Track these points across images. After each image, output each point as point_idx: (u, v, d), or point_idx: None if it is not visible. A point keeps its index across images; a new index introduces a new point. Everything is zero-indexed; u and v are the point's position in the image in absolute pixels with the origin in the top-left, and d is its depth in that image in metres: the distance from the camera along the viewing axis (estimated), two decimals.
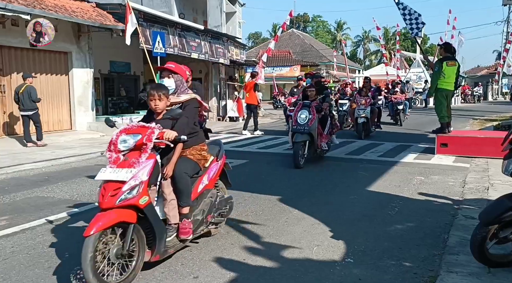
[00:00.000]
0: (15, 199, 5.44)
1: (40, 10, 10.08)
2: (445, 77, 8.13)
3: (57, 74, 12.06)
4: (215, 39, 17.48)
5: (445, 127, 8.44)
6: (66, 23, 11.49)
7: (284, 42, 39.85)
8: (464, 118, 16.95)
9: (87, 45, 12.69)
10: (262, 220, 4.48)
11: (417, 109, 23.91)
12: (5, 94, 10.69)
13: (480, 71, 50.17)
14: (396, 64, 31.82)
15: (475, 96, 36.22)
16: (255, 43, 57.88)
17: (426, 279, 3.09)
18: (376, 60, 58.87)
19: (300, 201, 5.18)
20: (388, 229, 4.20)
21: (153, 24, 13.51)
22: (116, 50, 14.86)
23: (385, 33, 54.98)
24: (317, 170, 7.24)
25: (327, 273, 3.22)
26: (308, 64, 34.62)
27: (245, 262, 3.44)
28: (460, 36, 27.67)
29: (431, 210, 4.81)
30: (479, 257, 3.04)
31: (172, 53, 14.29)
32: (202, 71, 18.79)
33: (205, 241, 3.87)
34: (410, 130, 13.16)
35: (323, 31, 65.09)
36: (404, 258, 3.47)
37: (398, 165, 7.53)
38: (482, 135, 8.88)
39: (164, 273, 3.22)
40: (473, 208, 4.61)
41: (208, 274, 3.21)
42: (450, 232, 3.93)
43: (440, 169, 7.09)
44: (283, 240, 3.91)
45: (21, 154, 8.79)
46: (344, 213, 4.77)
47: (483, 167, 7.04)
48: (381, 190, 5.79)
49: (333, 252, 3.62)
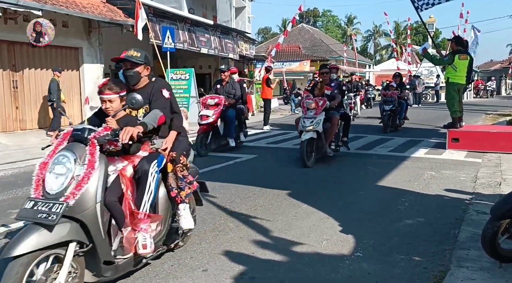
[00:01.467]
0: (27, 193, 5.51)
1: (51, 6, 10.17)
2: (456, 70, 8.02)
3: (68, 69, 12.17)
4: (225, 34, 17.49)
5: (457, 122, 8.33)
6: (77, 19, 11.58)
7: (294, 37, 39.65)
8: (476, 113, 16.72)
9: (98, 41, 12.78)
10: (271, 214, 4.49)
11: (428, 104, 23.65)
12: (17, 90, 10.82)
13: (493, 65, 49.39)
14: (407, 58, 31.48)
15: (488, 91, 35.67)
16: (265, 38, 57.68)
17: (436, 273, 3.07)
18: (386, 55, 58.32)
19: (309, 196, 5.17)
20: (398, 224, 4.18)
21: (162, 19, 13.55)
22: (126, 46, 14.62)
23: (396, 27, 54.38)
24: (326, 165, 7.21)
25: (336, 267, 3.22)
26: (317, 59, 34.40)
27: (254, 255, 3.45)
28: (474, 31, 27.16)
29: (441, 205, 4.76)
30: (490, 252, 3.01)
31: (182, 48, 14.35)
32: (211, 66, 18.82)
33: (214, 235, 3.89)
34: (421, 125, 13.03)
35: (333, 26, 64.61)
36: (414, 253, 3.45)
37: (408, 160, 7.47)
38: (495, 130, 8.76)
39: (174, 266, 3.24)
40: (485, 203, 4.55)
41: (217, 267, 3.23)
42: (461, 227, 3.89)
43: (451, 164, 7.02)
44: (292, 234, 3.91)
45: (33, 149, 8.91)
46: (353, 208, 4.75)
47: (496, 162, 6.95)
48: (391, 185, 5.75)
49: (342, 246, 3.62)
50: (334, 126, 7.13)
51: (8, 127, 10.66)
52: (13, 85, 10.72)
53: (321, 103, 6.95)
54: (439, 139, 9.37)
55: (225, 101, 8.06)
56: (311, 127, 6.74)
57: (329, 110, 7.05)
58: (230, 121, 8.14)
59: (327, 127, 7.00)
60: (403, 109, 12.09)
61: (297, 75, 33.32)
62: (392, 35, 35.20)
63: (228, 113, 8.11)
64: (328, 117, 7.01)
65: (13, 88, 10.74)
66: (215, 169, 6.87)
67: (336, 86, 7.35)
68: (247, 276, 3.08)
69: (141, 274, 3.10)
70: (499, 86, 41.69)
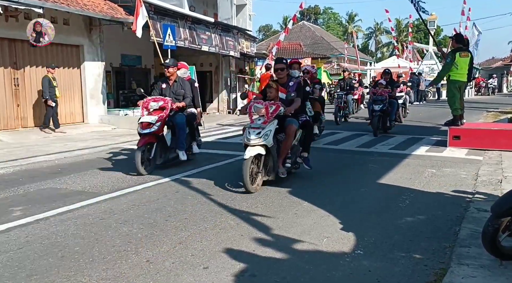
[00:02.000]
0: (29, 190, 5.54)
1: (52, 3, 10.16)
2: (457, 68, 8.00)
3: (69, 67, 12.18)
4: (226, 32, 17.45)
5: (458, 120, 8.32)
6: (78, 17, 11.58)
7: (295, 34, 39.62)
8: (477, 110, 16.70)
9: (99, 38, 12.78)
10: (271, 212, 4.49)
11: (429, 101, 23.62)
12: (18, 87, 10.84)
13: (495, 62, 49.26)
14: (408, 56, 31.44)
15: (489, 88, 35.63)
16: (266, 36, 57.61)
17: (437, 271, 3.07)
18: (388, 52, 58.22)
19: (310, 193, 5.17)
20: (399, 221, 4.18)
21: (163, 17, 13.53)
22: (127, 43, 14.93)
23: (398, 24, 54.26)
24: (327, 162, 7.21)
25: (336, 264, 3.22)
26: (318, 56, 34.32)
27: (254, 253, 3.45)
28: (476, 29, 27.08)
29: (442, 203, 4.77)
30: (491, 249, 3.01)
31: (183, 46, 14.33)
32: (212, 64, 18.80)
33: (215, 233, 3.90)
34: (422, 122, 13.02)
35: (334, 23, 64.54)
36: (415, 250, 3.45)
37: (409, 157, 7.47)
38: (496, 127, 8.75)
39: (175, 263, 3.25)
40: (486, 201, 4.56)
41: (218, 264, 3.24)
42: (461, 224, 3.89)
43: (452, 162, 7.01)
44: (293, 232, 3.91)
45: (35, 146, 8.93)
46: (354, 205, 4.76)
47: (497, 160, 6.94)
48: (392, 182, 5.75)
49: (343, 244, 3.62)
50: (290, 139, 5.52)
51: (9, 125, 10.68)
52: (14, 83, 10.74)
53: (272, 109, 5.29)
54: (440, 137, 9.36)
55: (172, 104, 6.48)
56: (258, 141, 5.13)
57: (286, 117, 5.51)
58: (180, 129, 6.61)
59: (281, 139, 5.55)
60: (394, 109, 10.92)
61: None
62: (393, 33, 35.27)
63: (177, 119, 6.58)
64: (282, 127, 5.50)
65: (14, 86, 10.75)
66: (215, 167, 6.88)
67: (294, 86, 5.74)
68: (248, 274, 3.09)
69: (142, 271, 3.11)
70: (501, 83, 41.64)
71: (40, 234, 3.92)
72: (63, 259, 3.35)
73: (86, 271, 3.11)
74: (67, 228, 4.06)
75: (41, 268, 3.19)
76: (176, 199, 5.02)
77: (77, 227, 4.08)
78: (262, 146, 5.18)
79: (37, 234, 3.91)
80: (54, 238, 3.81)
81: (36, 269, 3.18)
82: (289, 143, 5.53)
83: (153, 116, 6.30)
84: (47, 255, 3.43)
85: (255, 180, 5.23)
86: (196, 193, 5.28)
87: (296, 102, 5.58)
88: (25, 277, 3.05)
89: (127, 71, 17.10)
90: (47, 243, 3.68)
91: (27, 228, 4.08)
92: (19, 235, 3.90)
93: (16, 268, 3.19)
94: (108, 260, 3.31)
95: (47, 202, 4.95)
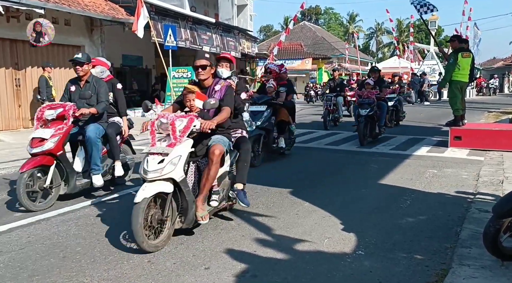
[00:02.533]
0: None
1: (54, 4, 10.19)
2: (460, 69, 8.00)
3: (70, 67, 12.16)
4: (226, 32, 17.48)
5: (459, 120, 8.32)
6: (79, 17, 11.60)
7: (296, 35, 39.63)
8: (479, 110, 16.67)
9: (100, 39, 12.79)
10: (273, 212, 4.49)
11: (431, 101, 23.60)
12: (20, 88, 10.86)
13: (496, 63, 49.18)
14: (410, 56, 31.43)
15: (490, 89, 35.59)
16: (267, 36, 57.64)
17: (438, 271, 3.07)
18: (389, 53, 58.19)
19: (311, 194, 5.17)
20: (400, 222, 4.18)
21: (164, 17, 13.56)
22: (128, 44, 14.96)
23: (399, 25, 54.25)
24: (328, 163, 7.22)
25: (337, 265, 3.23)
26: (319, 56, 34.39)
27: (256, 253, 3.46)
28: (476, 29, 27.08)
29: (443, 203, 4.77)
30: (492, 250, 3.01)
31: (184, 47, 14.35)
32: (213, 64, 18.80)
33: (217, 233, 3.90)
34: (423, 123, 13.00)
35: (335, 24, 64.53)
36: (416, 250, 3.45)
37: (410, 158, 7.46)
38: (497, 127, 8.73)
39: (176, 264, 3.26)
40: (487, 201, 4.55)
41: (219, 265, 3.24)
42: (463, 225, 3.89)
43: (453, 162, 7.01)
44: (294, 232, 3.92)
45: None
46: (356, 206, 4.76)
47: (498, 160, 6.93)
48: (393, 183, 5.75)
49: (344, 244, 3.62)
50: (215, 166, 3.75)
51: (10, 125, 10.70)
52: (15, 84, 10.76)
53: (181, 125, 3.58)
54: (441, 137, 9.35)
55: (75, 111, 4.85)
56: (159, 174, 3.45)
57: (209, 135, 3.85)
58: (90, 144, 4.92)
59: (202, 167, 3.91)
60: (383, 113, 9.47)
61: (299, 73, 33.29)
62: (394, 33, 35.24)
63: (87, 132, 4.93)
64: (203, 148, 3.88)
65: (16, 86, 10.78)
66: None
67: (222, 92, 4.07)
68: (249, 274, 3.09)
69: (144, 272, 3.12)
70: (502, 83, 41.58)
71: (42, 234, 3.93)
72: (65, 259, 3.36)
73: (88, 272, 3.12)
74: (68, 229, 4.06)
75: (42, 268, 3.20)
76: None
77: (78, 228, 4.09)
78: (167, 180, 3.51)
79: (38, 235, 3.92)
80: (56, 238, 3.82)
81: (38, 269, 3.19)
82: (213, 172, 3.74)
83: (48, 129, 4.74)
84: (49, 255, 3.44)
85: (159, 232, 3.55)
86: None
87: (223, 113, 3.88)
88: (27, 277, 3.06)
89: (128, 72, 17.13)
90: (48, 244, 3.69)
91: (29, 228, 4.09)
92: (21, 235, 3.91)
93: (18, 269, 3.20)
94: (109, 261, 3.31)
95: None
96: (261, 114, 6.94)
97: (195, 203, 3.70)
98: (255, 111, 6.98)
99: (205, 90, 4.13)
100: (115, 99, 5.51)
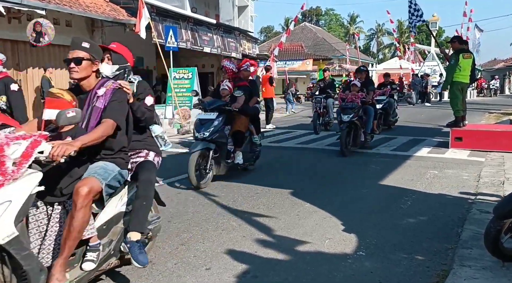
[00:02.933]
0: None
1: (55, 5, 10.20)
2: (461, 70, 8.00)
3: None
4: (227, 33, 17.50)
5: (460, 121, 8.32)
6: (80, 18, 11.61)
7: (297, 36, 39.62)
8: (479, 111, 16.66)
9: (101, 40, 12.79)
10: (273, 213, 4.50)
11: (432, 102, 23.60)
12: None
13: (497, 64, 49.13)
14: (410, 57, 31.44)
15: (491, 90, 35.57)
16: (267, 37, 57.63)
17: (439, 272, 3.08)
18: (389, 54, 58.17)
19: (312, 195, 5.18)
20: (400, 222, 4.18)
21: (165, 18, 13.57)
22: (129, 45, 14.64)
23: (399, 26, 54.23)
24: (329, 164, 7.22)
25: (338, 265, 3.23)
26: (320, 57, 34.37)
27: (256, 254, 3.46)
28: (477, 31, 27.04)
29: (444, 204, 4.76)
30: (493, 251, 3.01)
31: (185, 48, 14.36)
32: (214, 65, 18.84)
33: (217, 234, 3.91)
34: (424, 124, 13.00)
35: (336, 25, 64.51)
36: (416, 251, 3.45)
37: (411, 159, 7.46)
38: (498, 129, 8.73)
39: (177, 264, 3.26)
40: (488, 202, 4.55)
41: (220, 265, 3.24)
42: (463, 226, 3.89)
43: (454, 163, 7.01)
44: (295, 233, 3.92)
45: None
46: (356, 206, 4.76)
47: (499, 161, 6.93)
48: (393, 184, 5.75)
49: (344, 245, 3.62)
50: (83, 213, 2.45)
51: None
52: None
53: (17, 153, 2.23)
54: (442, 138, 9.35)
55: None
56: None
57: (88, 161, 2.72)
58: None
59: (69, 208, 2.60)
60: (370, 118, 8.41)
61: (300, 74, 33.29)
62: (395, 34, 35.23)
63: None
64: None
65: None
66: None
67: (108, 98, 2.76)
68: (250, 275, 3.10)
69: (145, 272, 3.12)
70: (503, 84, 41.56)
71: None
72: None
73: None
74: None
75: None
76: (178, 200, 5.03)
77: None
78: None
79: None
80: None
81: None
82: (78, 221, 2.45)
83: None
84: None
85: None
86: (197, 194, 5.28)
87: (98, 129, 2.62)
88: None
89: None
90: None
91: None
92: None
93: None
94: None
95: None
96: (210, 123, 5.57)
97: (46, 271, 2.34)
98: (203, 120, 5.69)
99: (85, 96, 2.81)
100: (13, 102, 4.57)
